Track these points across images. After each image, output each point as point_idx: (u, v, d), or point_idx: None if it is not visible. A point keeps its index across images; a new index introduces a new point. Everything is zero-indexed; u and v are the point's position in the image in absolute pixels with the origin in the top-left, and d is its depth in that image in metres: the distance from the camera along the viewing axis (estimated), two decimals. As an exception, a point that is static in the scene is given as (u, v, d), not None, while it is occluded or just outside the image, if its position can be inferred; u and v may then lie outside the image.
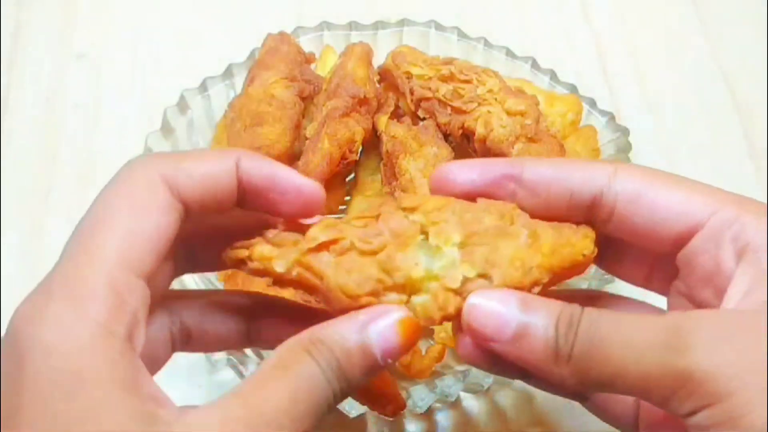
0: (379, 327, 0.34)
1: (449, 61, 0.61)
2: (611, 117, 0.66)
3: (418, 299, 0.35)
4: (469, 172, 0.38)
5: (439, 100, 0.59)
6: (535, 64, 0.68)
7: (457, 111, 0.59)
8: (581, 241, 0.37)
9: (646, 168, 0.37)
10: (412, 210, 0.36)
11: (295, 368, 0.32)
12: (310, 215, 0.37)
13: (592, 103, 0.66)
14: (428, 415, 0.56)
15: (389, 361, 0.34)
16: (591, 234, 0.38)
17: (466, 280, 0.35)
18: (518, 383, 0.56)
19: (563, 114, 0.64)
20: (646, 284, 0.40)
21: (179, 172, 0.35)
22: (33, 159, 0.68)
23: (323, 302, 0.37)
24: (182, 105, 0.62)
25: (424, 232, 0.36)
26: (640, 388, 0.32)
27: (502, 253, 0.36)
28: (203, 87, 0.63)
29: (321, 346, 0.33)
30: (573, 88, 0.67)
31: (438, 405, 0.56)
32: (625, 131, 0.64)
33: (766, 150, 0.73)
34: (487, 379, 0.53)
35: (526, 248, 0.36)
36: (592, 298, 0.41)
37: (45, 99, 0.71)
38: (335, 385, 0.33)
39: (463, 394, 0.57)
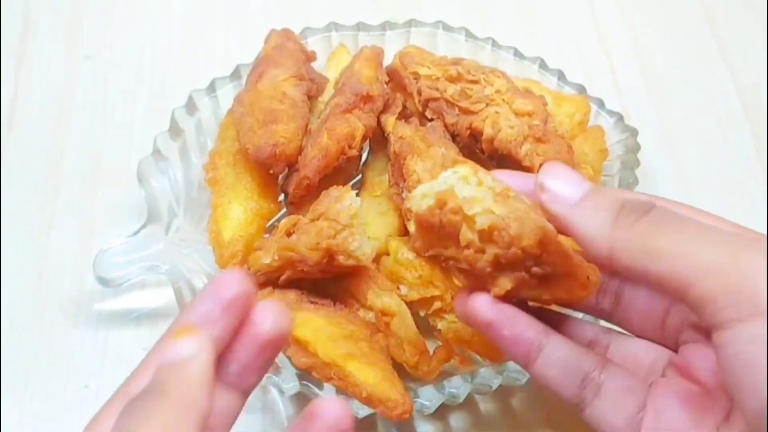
0: None
1: (457, 62, 0.61)
2: (620, 117, 0.65)
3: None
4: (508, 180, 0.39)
5: (447, 101, 0.59)
6: (543, 65, 0.68)
7: (465, 111, 0.59)
8: (591, 268, 0.39)
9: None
10: (463, 162, 0.40)
11: None
12: None
13: (601, 104, 0.66)
14: (437, 416, 0.56)
15: None
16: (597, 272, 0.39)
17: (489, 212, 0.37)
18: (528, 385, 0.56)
19: (571, 114, 0.63)
20: (660, 339, 0.41)
21: None
22: (41, 159, 0.68)
23: (304, 267, 0.51)
24: (190, 106, 0.62)
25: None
26: (698, 270, 0.31)
27: (530, 216, 0.37)
28: (211, 88, 0.63)
29: None
30: (581, 89, 0.67)
31: (450, 406, 0.56)
32: (633, 132, 0.64)
33: (775, 150, 0.73)
34: (495, 380, 0.53)
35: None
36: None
37: (53, 100, 0.72)
38: None
39: (476, 396, 0.57)
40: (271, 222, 0.59)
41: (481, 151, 0.59)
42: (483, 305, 0.39)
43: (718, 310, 0.30)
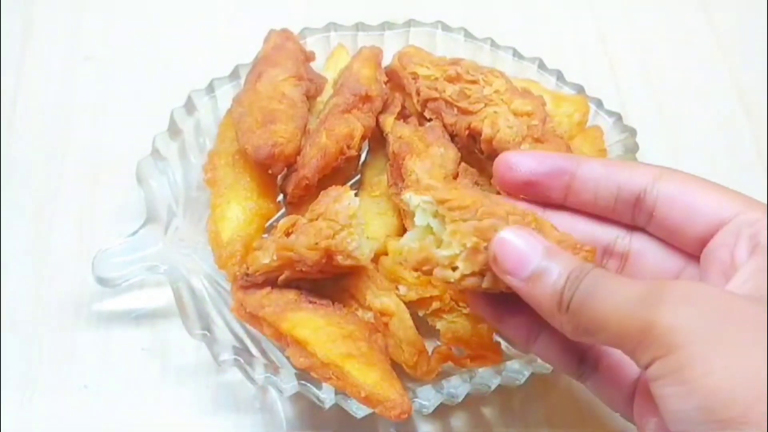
0: None
1: (456, 62, 0.61)
2: (618, 117, 0.65)
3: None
4: (529, 160, 0.42)
5: (446, 101, 0.59)
6: (541, 65, 0.68)
7: (464, 111, 0.59)
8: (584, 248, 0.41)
9: (684, 173, 0.42)
10: (442, 202, 0.40)
11: None
12: None
13: (599, 104, 0.66)
14: (437, 415, 0.56)
15: None
16: (594, 248, 0.41)
17: (463, 277, 0.40)
18: (529, 384, 0.56)
19: (570, 114, 0.63)
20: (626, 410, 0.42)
21: None
22: (41, 160, 0.68)
23: (302, 267, 0.51)
24: (189, 106, 0.62)
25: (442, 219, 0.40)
26: (616, 338, 0.35)
27: None
28: (210, 88, 0.64)
29: None
30: (580, 89, 0.67)
31: (450, 406, 0.56)
32: (632, 132, 0.64)
33: (774, 150, 0.73)
34: (494, 380, 0.53)
35: None
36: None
37: (53, 101, 0.72)
38: None
39: (475, 396, 0.57)
40: (270, 222, 0.59)
41: (480, 151, 0.59)
42: (483, 299, 0.42)
43: (638, 359, 0.35)
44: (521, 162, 0.42)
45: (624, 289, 0.36)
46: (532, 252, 0.37)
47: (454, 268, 0.40)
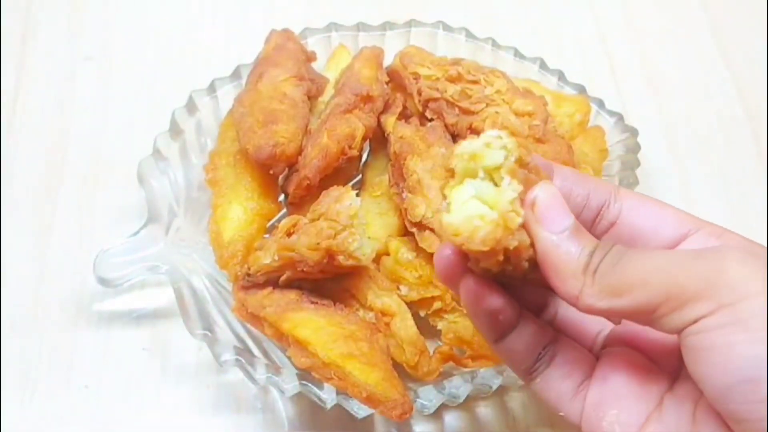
0: None
1: (457, 62, 0.61)
2: (620, 117, 0.65)
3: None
4: None
5: (447, 101, 0.59)
6: (543, 65, 0.68)
7: (465, 111, 0.59)
8: None
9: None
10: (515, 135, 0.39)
11: None
12: None
13: (601, 104, 0.66)
14: (437, 416, 0.56)
15: None
16: None
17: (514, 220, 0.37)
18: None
19: (571, 115, 0.64)
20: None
21: None
22: (42, 160, 0.68)
23: (304, 267, 0.51)
24: (190, 106, 0.62)
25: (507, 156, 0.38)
26: (658, 294, 0.35)
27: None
28: (211, 88, 0.63)
29: None
30: (581, 89, 0.67)
31: (449, 406, 0.56)
32: (633, 132, 0.64)
33: (775, 150, 0.73)
34: (495, 380, 0.53)
35: None
36: None
37: (54, 101, 0.72)
38: None
39: (475, 396, 0.57)
40: (271, 222, 0.59)
41: (481, 151, 0.59)
42: (471, 277, 0.41)
43: (685, 315, 0.34)
44: None
45: (666, 251, 0.37)
46: (568, 214, 0.38)
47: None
